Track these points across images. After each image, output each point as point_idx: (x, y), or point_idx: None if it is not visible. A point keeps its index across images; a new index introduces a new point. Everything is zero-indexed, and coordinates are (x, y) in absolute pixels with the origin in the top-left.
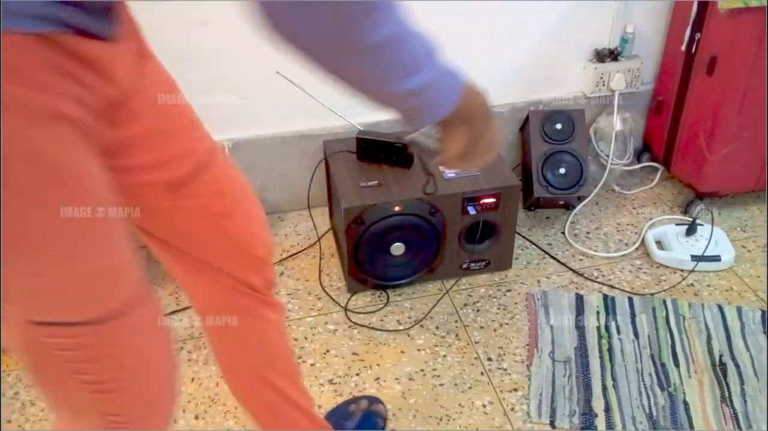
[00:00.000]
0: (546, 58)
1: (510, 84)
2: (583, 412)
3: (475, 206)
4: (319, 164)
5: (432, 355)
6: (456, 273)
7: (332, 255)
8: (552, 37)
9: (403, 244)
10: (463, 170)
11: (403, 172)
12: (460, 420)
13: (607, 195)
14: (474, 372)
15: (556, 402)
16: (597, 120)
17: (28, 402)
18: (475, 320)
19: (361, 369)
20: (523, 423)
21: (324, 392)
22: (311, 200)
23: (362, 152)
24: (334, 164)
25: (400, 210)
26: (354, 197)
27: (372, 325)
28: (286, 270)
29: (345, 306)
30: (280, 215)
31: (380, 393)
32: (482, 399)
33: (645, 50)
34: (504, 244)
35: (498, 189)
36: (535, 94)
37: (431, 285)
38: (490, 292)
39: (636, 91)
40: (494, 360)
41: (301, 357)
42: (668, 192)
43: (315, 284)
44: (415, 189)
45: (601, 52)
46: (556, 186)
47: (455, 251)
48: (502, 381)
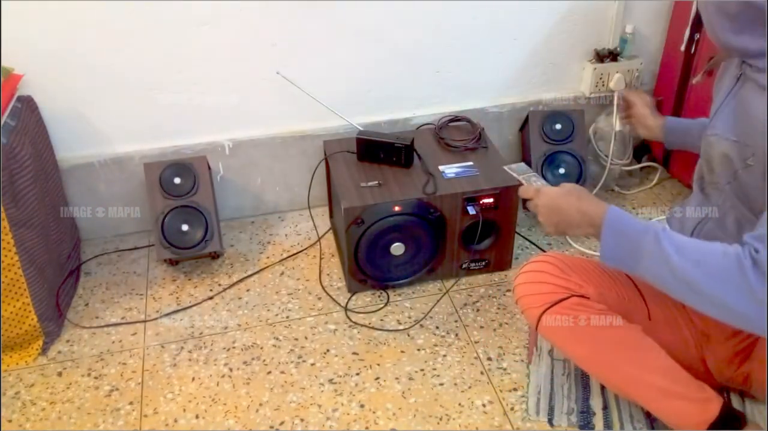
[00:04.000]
0: (546, 59)
1: (510, 84)
2: (581, 410)
3: (475, 206)
4: (319, 164)
5: (432, 355)
6: (456, 273)
7: (332, 255)
8: (552, 37)
9: (403, 244)
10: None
11: (403, 172)
12: (459, 420)
13: (607, 195)
14: (474, 372)
15: (554, 401)
16: (597, 120)
17: (29, 402)
18: (474, 320)
19: (361, 369)
20: (522, 423)
21: (324, 392)
22: (311, 200)
23: (362, 152)
24: (334, 164)
25: (400, 210)
26: (354, 197)
27: (372, 325)
28: (286, 270)
29: (345, 306)
30: (280, 215)
31: (380, 392)
32: (482, 398)
33: (645, 50)
34: (504, 244)
35: (498, 189)
36: (535, 95)
37: (431, 285)
38: (490, 292)
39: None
40: (494, 359)
41: (301, 356)
42: (667, 192)
43: (315, 284)
44: (415, 189)
45: (600, 52)
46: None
47: (455, 251)
48: (502, 381)
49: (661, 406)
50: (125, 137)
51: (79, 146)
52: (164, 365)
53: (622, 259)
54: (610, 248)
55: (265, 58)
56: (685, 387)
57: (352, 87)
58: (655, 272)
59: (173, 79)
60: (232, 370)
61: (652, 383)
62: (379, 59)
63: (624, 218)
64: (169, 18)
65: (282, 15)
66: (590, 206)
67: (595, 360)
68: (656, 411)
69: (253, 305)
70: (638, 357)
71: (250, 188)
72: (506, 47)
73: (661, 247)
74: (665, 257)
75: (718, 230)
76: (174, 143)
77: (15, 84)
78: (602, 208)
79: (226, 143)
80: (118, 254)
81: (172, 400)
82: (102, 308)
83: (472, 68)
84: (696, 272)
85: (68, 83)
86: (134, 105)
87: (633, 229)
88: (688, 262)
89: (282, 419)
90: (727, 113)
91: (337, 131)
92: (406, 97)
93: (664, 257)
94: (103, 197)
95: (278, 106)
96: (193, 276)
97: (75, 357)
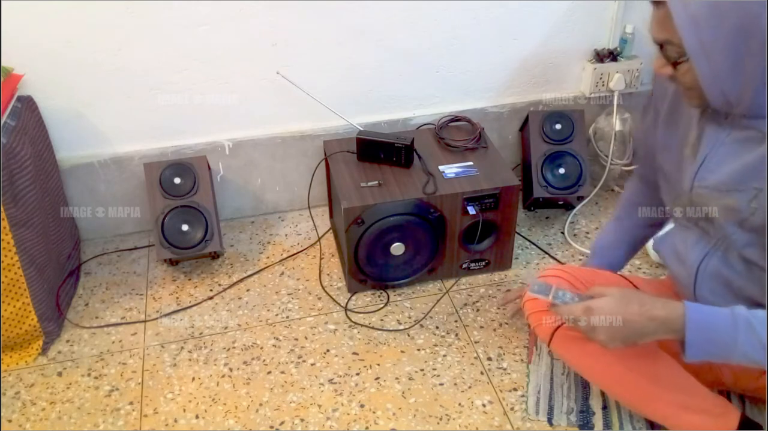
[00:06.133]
0: (546, 59)
1: (510, 84)
2: (581, 410)
3: (475, 206)
4: (319, 164)
5: (432, 355)
6: (456, 273)
7: (332, 255)
8: (552, 37)
9: (403, 244)
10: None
11: (403, 172)
12: (459, 420)
13: (607, 195)
14: (474, 372)
15: (553, 400)
16: (597, 120)
17: (29, 402)
18: (474, 319)
19: (361, 369)
20: (522, 422)
21: (324, 391)
22: (311, 200)
23: (362, 152)
24: (334, 164)
25: (400, 210)
26: (354, 197)
27: (372, 325)
28: (286, 270)
29: (345, 306)
30: (280, 215)
31: (380, 392)
32: (482, 398)
33: (644, 51)
34: (504, 244)
35: (498, 189)
36: (535, 95)
37: (431, 285)
38: (490, 292)
39: (635, 91)
40: (494, 359)
41: (301, 356)
42: None
43: (315, 284)
44: (415, 189)
45: (600, 52)
46: (555, 186)
47: (455, 251)
48: (502, 381)
49: (681, 422)
50: (125, 137)
51: (79, 146)
52: (164, 365)
53: (712, 354)
54: (698, 348)
55: (265, 58)
56: (703, 400)
57: (352, 87)
58: (752, 358)
59: (173, 79)
60: (232, 370)
61: (671, 400)
62: (379, 59)
63: (706, 315)
64: (169, 18)
65: (282, 15)
66: (660, 310)
67: (610, 378)
68: (675, 427)
69: (253, 305)
70: (655, 373)
71: (250, 188)
72: (506, 47)
73: (758, 334)
74: (763, 344)
75: (724, 267)
76: (174, 143)
77: (15, 84)
78: (677, 310)
79: (226, 143)
80: (118, 254)
81: (172, 400)
82: (102, 308)
83: (472, 68)
84: None
85: (68, 83)
86: (134, 105)
87: (721, 324)
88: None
89: (282, 419)
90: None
91: (337, 131)
92: (406, 97)
93: (762, 343)
94: (103, 197)
95: (278, 106)
96: (193, 276)
97: (75, 357)
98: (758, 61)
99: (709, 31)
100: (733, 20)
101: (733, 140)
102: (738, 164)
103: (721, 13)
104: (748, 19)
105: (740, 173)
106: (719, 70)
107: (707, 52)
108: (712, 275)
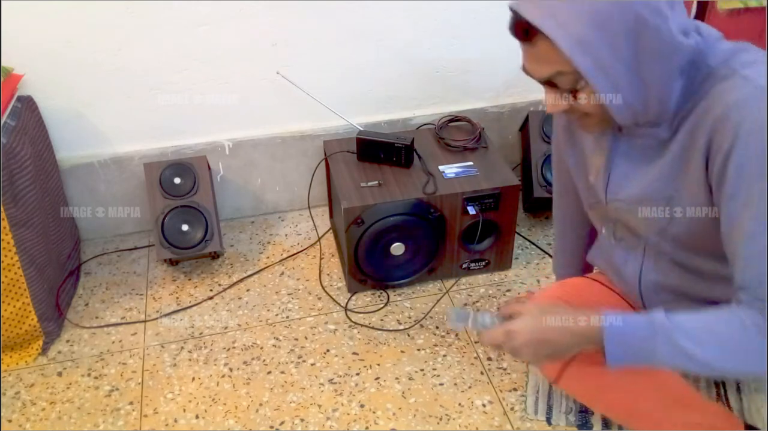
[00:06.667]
0: None
1: (510, 84)
2: (580, 410)
3: (475, 206)
4: (319, 164)
5: (432, 355)
6: (456, 273)
7: (332, 255)
8: None
9: (403, 244)
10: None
11: (403, 172)
12: (459, 420)
13: None
14: (474, 372)
15: (552, 400)
16: None
17: (29, 402)
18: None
19: (361, 369)
20: (522, 422)
21: (324, 391)
22: (311, 200)
23: (362, 152)
24: (334, 164)
25: (400, 210)
26: (354, 197)
27: (372, 325)
28: (286, 270)
29: (345, 306)
30: (280, 215)
31: (380, 392)
32: (482, 398)
33: None
34: (504, 244)
35: (498, 189)
36: (535, 95)
37: (431, 285)
38: (490, 292)
39: None
40: (494, 359)
41: (301, 356)
42: None
43: (315, 284)
44: (415, 189)
45: None
46: None
47: (455, 251)
48: (502, 381)
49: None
50: (125, 137)
51: (79, 146)
52: (164, 365)
53: (633, 363)
54: (618, 358)
55: (265, 58)
56: (713, 417)
57: (352, 87)
58: (675, 365)
59: (173, 79)
60: (232, 370)
61: (688, 420)
62: (379, 59)
63: (625, 326)
64: (169, 18)
65: (282, 15)
66: (579, 323)
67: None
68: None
69: (253, 305)
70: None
71: (250, 188)
72: (507, 47)
73: (677, 345)
74: (684, 353)
75: (662, 277)
76: (174, 143)
77: (15, 84)
78: (594, 322)
79: (226, 143)
80: (118, 254)
81: (172, 400)
82: (102, 308)
83: (472, 68)
84: (720, 358)
85: (68, 83)
86: (134, 105)
87: (640, 335)
88: (708, 351)
89: (282, 419)
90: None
91: (337, 131)
92: (406, 97)
93: (683, 352)
94: (103, 197)
95: (278, 106)
96: (193, 276)
97: (75, 357)
98: (656, 58)
99: (598, 46)
100: (617, 27)
101: (632, 151)
102: (642, 176)
103: (603, 24)
104: (632, 20)
105: (647, 185)
106: (620, 83)
107: (604, 67)
108: (655, 287)
